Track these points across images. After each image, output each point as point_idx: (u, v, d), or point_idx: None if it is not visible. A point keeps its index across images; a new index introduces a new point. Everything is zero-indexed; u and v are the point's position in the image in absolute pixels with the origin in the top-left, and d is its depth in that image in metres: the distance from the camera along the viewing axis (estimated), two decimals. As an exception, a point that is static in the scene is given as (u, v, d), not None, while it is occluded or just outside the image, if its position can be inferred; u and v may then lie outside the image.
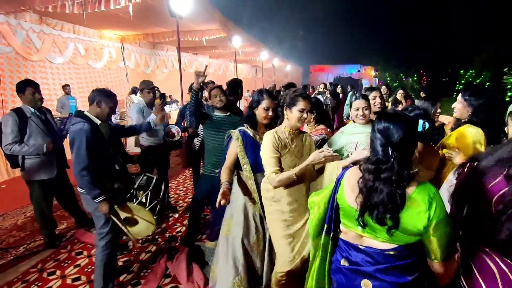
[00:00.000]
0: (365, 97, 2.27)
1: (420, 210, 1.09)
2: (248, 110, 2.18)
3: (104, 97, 2.24)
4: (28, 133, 2.77)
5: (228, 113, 2.85)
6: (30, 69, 6.72)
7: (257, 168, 2.02)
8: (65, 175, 3.17)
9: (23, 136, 2.74)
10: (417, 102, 5.66)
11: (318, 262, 1.33)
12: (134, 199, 2.32)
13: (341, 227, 1.32)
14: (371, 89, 3.04)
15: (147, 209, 2.33)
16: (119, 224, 2.28)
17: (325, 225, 1.29)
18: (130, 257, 2.86)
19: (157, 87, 3.81)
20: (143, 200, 2.34)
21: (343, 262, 1.27)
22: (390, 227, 1.10)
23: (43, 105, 3.05)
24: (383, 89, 6.29)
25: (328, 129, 2.62)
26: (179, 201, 4.17)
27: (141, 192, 2.37)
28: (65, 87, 6.97)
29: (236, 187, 2.14)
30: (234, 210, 2.13)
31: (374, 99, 2.79)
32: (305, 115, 1.85)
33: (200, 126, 3.27)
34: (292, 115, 1.86)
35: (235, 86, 3.56)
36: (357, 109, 2.24)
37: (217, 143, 2.68)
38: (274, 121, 2.18)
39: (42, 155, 2.79)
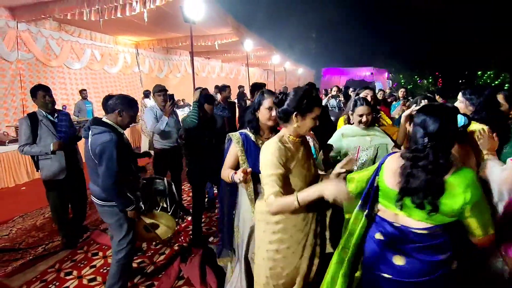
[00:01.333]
0: (368, 103, 2.24)
1: (455, 194, 1.15)
2: (249, 114, 1.98)
3: (126, 106, 2.18)
4: (39, 135, 2.91)
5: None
6: (49, 74, 6.96)
7: (258, 176, 1.71)
8: (81, 177, 3.25)
9: (35, 138, 2.89)
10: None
11: (356, 235, 1.41)
12: (156, 206, 2.36)
13: (379, 205, 1.41)
14: (364, 87, 3.24)
15: (169, 214, 2.37)
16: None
17: (360, 201, 1.40)
18: (144, 259, 2.89)
19: (167, 90, 3.87)
20: (164, 205, 2.37)
21: (378, 236, 1.36)
22: (430, 210, 1.18)
23: (60, 108, 3.16)
24: (401, 92, 6.13)
25: (311, 132, 2.59)
26: (192, 204, 4.20)
27: (160, 197, 2.40)
28: (82, 91, 7.17)
29: (243, 196, 1.99)
30: (240, 221, 2.04)
31: (366, 95, 2.93)
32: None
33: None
34: (305, 123, 1.53)
35: (259, 89, 3.65)
36: (361, 115, 2.22)
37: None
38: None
39: (50, 153, 2.90)
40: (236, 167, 1.90)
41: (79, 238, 3.28)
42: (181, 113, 9.53)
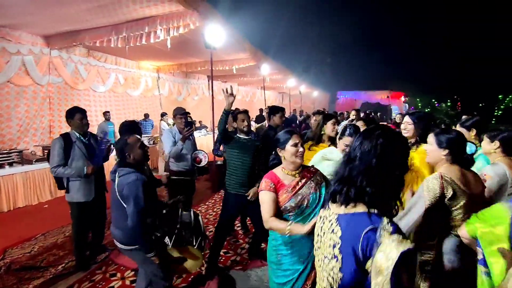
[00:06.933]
0: (354, 136, 2.25)
1: None
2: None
3: (128, 147, 2.16)
4: (72, 157, 2.94)
5: (250, 137, 3.03)
6: (76, 97, 7.33)
7: None
8: (103, 198, 3.31)
9: (67, 159, 2.92)
10: None
11: None
12: (183, 241, 2.29)
13: None
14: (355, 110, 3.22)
15: (195, 247, 2.31)
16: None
17: None
18: (161, 281, 2.86)
19: (189, 113, 3.94)
20: (190, 239, 2.31)
21: None
22: None
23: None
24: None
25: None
26: (209, 226, 4.17)
27: (187, 231, 2.33)
28: (105, 113, 7.47)
29: None
30: None
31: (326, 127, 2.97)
32: None
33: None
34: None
35: (277, 112, 3.77)
36: (347, 146, 2.19)
37: (242, 162, 2.90)
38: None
39: (82, 177, 2.94)
40: None
41: (92, 260, 3.26)
42: (198, 135, 9.73)
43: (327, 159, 2.28)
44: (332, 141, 2.92)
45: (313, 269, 1.69)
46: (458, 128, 2.66)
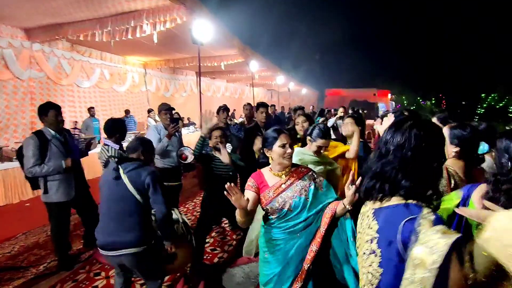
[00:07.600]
0: (329, 136, 2.32)
1: None
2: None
3: (146, 148, 2.20)
4: (48, 156, 2.78)
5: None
6: (59, 92, 7.13)
7: None
8: (87, 195, 3.23)
9: (43, 159, 2.76)
10: None
11: None
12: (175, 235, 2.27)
13: None
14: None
15: (187, 243, 2.31)
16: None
17: None
18: (146, 280, 2.82)
19: (175, 110, 3.85)
20: (183, 232, 2.30)
21: None
22: None
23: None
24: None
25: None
26: (195, 223, 4.14)
27: (178, 225, 2.32)
28: (90, 109, 7.30)
29: None
30: None
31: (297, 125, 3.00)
32: None
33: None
34: None
35: (258, 108, 3.71)
36: (321, 147, 2.26)
37: (219, 180, 2.67)
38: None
39: (62, 172, 2.81)
40: None
41: (76, 260, 3.17)
42: (186, 132, 9.63)
43: (304, 162, 2.22)
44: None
45: (298, 271, 1.66)
46: (434, 120, 2.61)
